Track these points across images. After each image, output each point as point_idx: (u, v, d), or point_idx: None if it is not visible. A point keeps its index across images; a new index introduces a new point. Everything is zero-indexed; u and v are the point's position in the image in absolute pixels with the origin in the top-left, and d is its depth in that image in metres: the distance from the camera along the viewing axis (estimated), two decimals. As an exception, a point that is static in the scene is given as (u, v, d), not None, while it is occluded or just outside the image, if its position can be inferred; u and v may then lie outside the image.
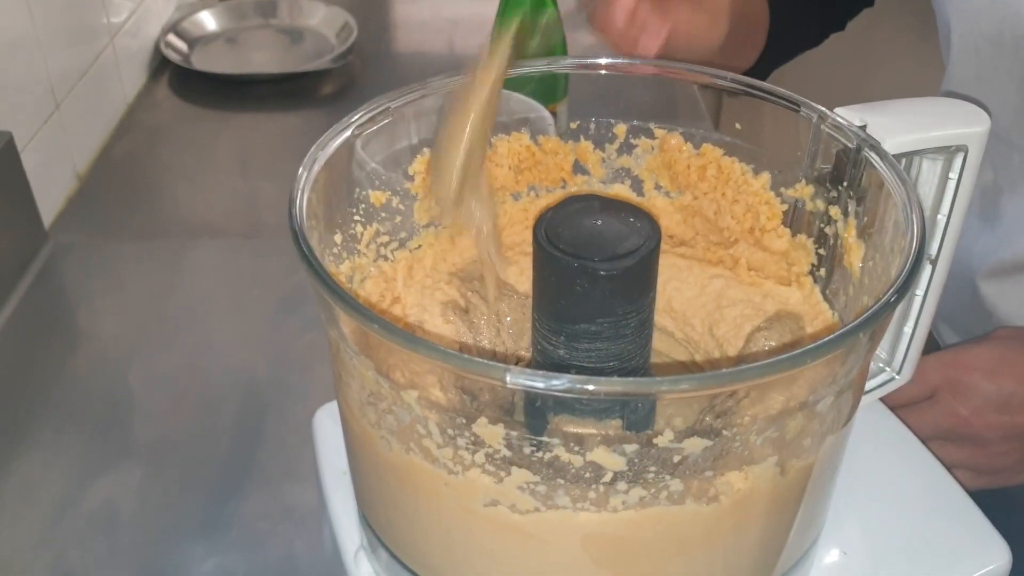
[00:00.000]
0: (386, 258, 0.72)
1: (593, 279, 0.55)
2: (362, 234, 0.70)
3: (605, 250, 0.55)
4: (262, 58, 1.80)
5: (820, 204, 0.69)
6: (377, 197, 0.71)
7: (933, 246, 0.69)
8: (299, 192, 0.61)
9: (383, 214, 0.71)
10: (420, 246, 0.74)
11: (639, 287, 0.57)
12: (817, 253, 0.71)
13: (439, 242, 0.74)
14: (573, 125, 0.76)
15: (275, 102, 1.12)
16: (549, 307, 0.58)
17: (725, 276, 0.73)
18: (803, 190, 0.70)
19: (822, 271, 0.71)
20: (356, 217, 0.70)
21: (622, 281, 0.55)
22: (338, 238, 0.68)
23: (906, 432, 0.79)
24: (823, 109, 0.67)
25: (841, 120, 0.65)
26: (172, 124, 1.63)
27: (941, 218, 0.68)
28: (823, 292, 0.71)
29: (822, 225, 0.70)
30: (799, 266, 0.72)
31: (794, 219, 0.72)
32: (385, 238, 0.72)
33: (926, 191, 0.68)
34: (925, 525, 0.73)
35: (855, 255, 0.66)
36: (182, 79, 1.73)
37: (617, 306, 0.56)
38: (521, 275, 0.73)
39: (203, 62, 1.75)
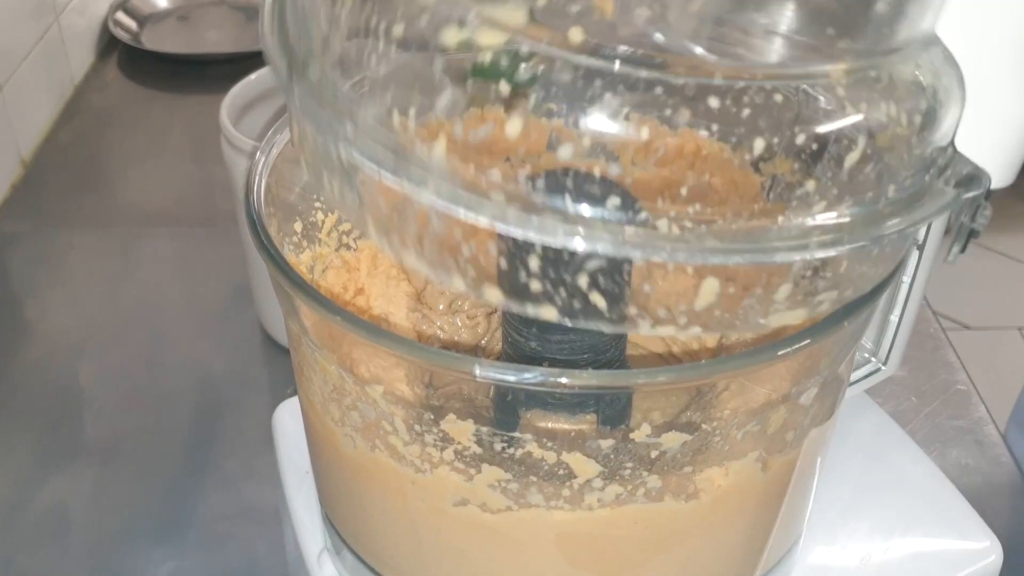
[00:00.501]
0: (349, 247, 0.72)
1: (566, 267, 0.55)
2: (323, 222, 0.70)
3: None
4: (216, 37, 1.79)
5: (799, 179, 0.69)
6: (339, 183, 0.70)
7: (920, 231, 0.69)
8: (256, 178, 0.61)
9: (345, 201, 0.71)
10: (384, 234, 0.74)
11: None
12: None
13: (404, 230, 0.73)
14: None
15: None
16: (520, 297, 0.58)
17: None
18: (782, 165, 0.70)
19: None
20: (316, 204, 0.70)
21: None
22: (298, 226, 0.68)
23: (893, 425, 0.80)
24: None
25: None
26: (122, 107, 1.62)
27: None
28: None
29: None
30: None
31: (772, 195, 0.72)
32: (347, 226, 0.72)
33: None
34: (914, 521, 0.73)
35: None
36: (132, 59, 1.72)
37: (591, 295, 0.56)
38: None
39: (154, 41, 1.74)
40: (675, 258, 0.45)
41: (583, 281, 0.47)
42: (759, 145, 0.48)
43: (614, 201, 0.45)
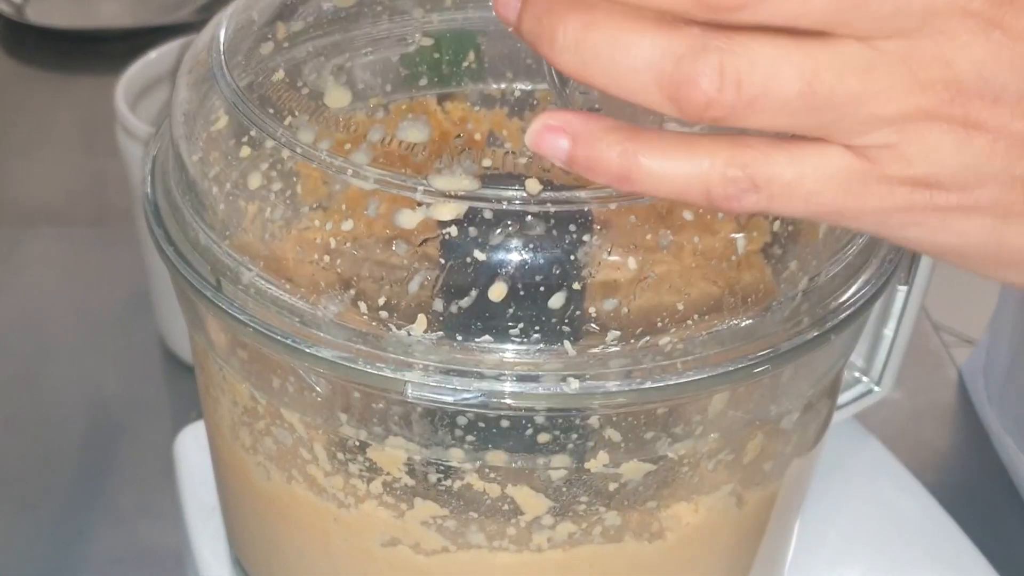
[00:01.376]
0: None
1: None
2: (245, 209, 0.70)
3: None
4: (111, 9, 1.79)
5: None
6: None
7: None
8: (154, 166, 0.60)
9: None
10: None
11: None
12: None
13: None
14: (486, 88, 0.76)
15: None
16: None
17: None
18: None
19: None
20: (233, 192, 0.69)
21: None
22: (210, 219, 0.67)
23: (887, 454, 0.80)
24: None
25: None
26: (2, 89, 1.62)
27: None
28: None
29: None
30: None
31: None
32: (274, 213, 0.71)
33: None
34: (910, 564, 0.73)
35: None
36: (14, 34, 1.71)
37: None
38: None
39: (40, 14, 1.73)
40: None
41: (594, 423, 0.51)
42: (741, 243, 0.53)
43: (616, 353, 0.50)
